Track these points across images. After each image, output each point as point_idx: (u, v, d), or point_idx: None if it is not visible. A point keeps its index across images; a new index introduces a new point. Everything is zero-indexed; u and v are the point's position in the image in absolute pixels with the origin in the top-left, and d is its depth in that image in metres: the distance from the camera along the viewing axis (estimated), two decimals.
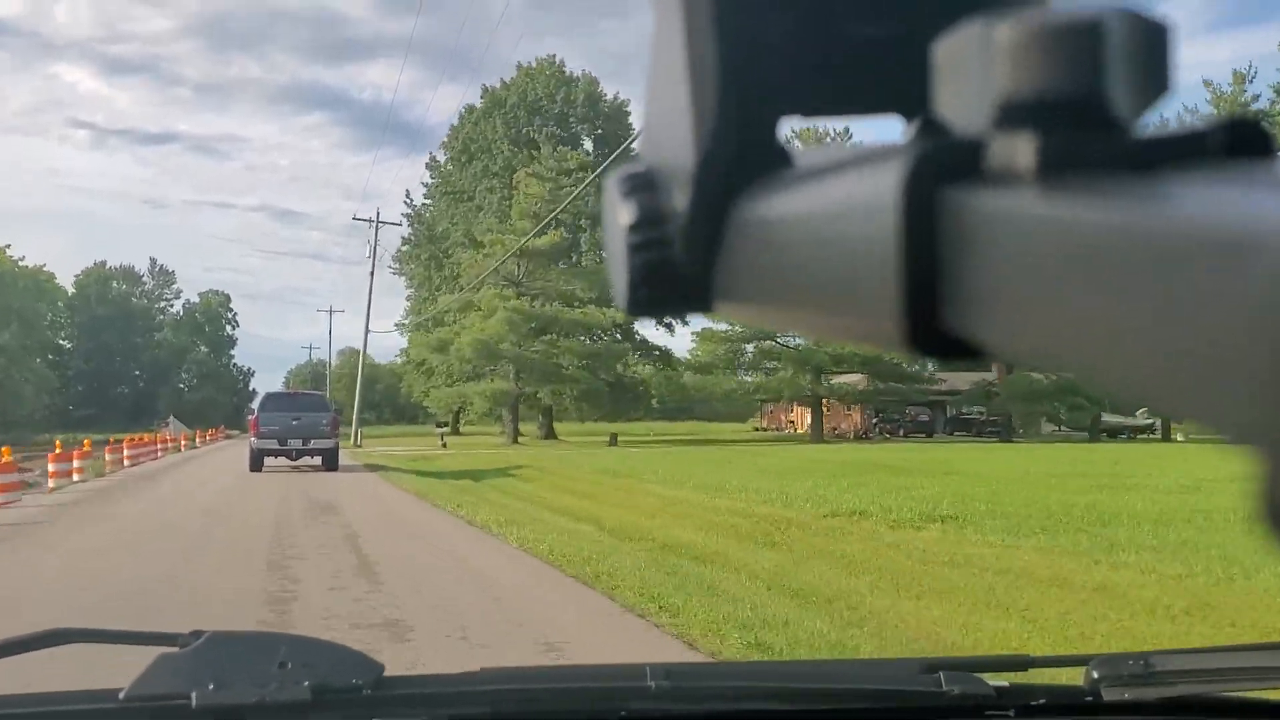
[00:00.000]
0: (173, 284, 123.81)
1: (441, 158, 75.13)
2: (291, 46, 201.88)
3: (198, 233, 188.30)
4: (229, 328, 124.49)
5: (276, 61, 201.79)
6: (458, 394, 56.41)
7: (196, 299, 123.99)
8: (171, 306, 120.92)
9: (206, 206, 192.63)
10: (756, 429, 79.89)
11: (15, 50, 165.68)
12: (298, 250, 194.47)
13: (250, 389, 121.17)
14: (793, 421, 74.17)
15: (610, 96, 70.67)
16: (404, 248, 77.23)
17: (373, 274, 58.64)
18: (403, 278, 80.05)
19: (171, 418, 47.66)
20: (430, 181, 75.45)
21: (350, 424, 54.98)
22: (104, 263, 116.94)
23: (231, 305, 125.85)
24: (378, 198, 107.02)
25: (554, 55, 73.78)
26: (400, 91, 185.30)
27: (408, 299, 78.73)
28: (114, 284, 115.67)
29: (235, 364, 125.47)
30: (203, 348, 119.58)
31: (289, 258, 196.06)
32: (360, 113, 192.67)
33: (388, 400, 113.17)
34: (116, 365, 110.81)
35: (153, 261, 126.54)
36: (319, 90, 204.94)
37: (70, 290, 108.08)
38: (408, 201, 76.66)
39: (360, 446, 47.07)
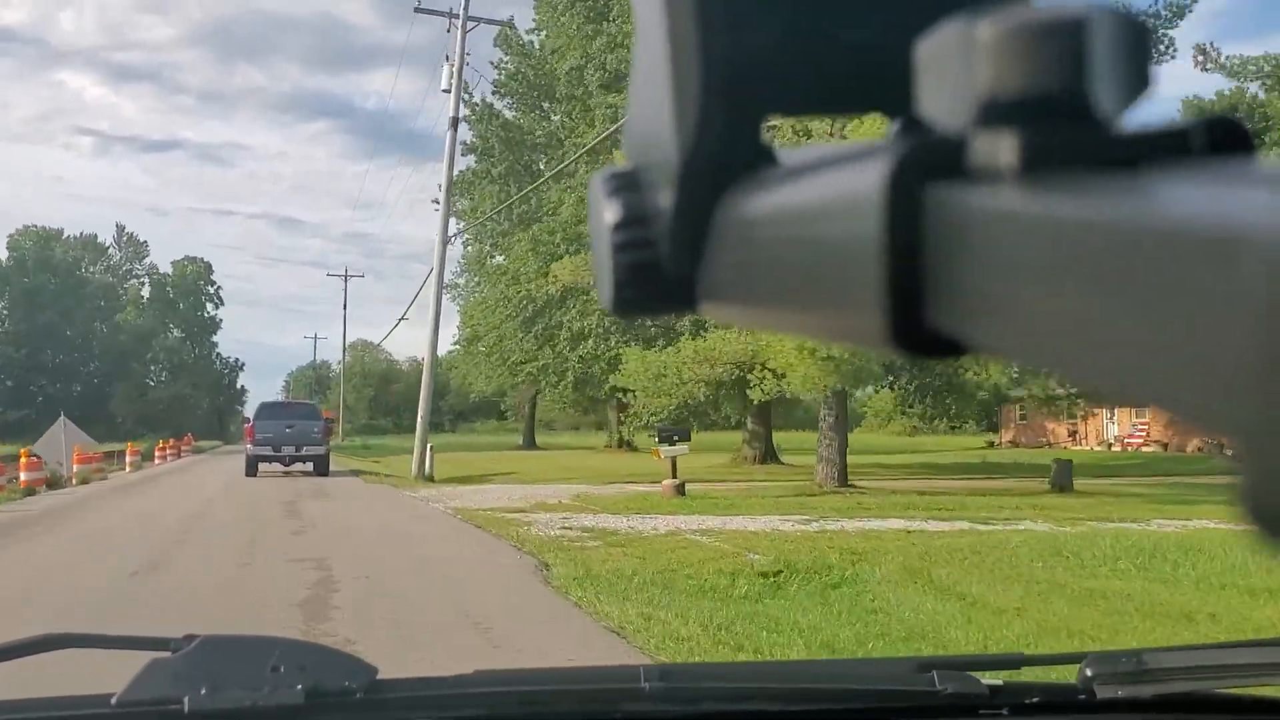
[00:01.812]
0: (145, 256, 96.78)
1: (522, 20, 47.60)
2: (295, 55, 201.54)
3: (199, 240, 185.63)
4: (210, 306, 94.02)
5: (280, 70, 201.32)
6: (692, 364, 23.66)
7: (169, 269, 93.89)
8: (143, 286, 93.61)
9: (208, 214, 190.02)
10: (993, 444, 54.72)
11: (21, 58, 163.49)
12: (297, 258, 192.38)
13: (239, 386, 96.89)
14: (1075, 432, 53.31)
15: None
16: (470, 160, 46.79)
17: (455, 121, 30.86)
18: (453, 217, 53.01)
19: (62, 418, 25.32)
20: (506, 63, 45.16)
21: (406, 434, 40.89)
22: (60, 230, 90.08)
23: (214, 277, 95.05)
24: (379, 205, 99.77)
25: None
26: (404, 100, 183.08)
27: (466, 244, 51.48)
28: (71, 254, 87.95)
29: (219, 353, 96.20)
30: (175, 331, 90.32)
31: (288, 265, 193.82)
32: (364, 120, 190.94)
33: (407, 404, 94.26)
34: (67, 353, 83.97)
35: (119, 229, 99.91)
36: (322, 98, 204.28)
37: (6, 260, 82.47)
38: (467, 98, 43.23)
39: (432, 481, 25.71)
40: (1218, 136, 0.27)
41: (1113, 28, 0.28)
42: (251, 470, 25.65)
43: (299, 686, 1.29)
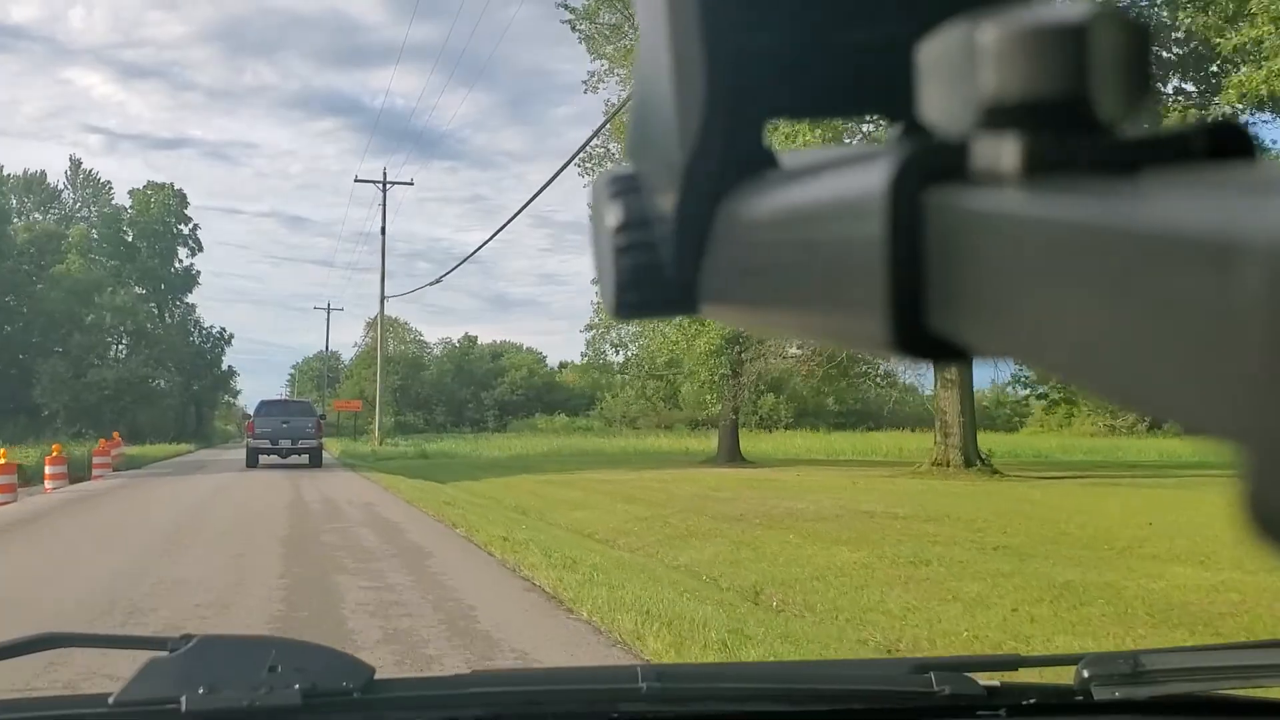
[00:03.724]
0: (109, 200, 70.24)
1: None
2: (305, 53, 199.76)
3: (206, 238, 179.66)
4: (185, 252, 67.16)
5: (290, 67, 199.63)
6: None
7: (128, 202, 66.11)
8: (93, 230, 65.82)
9: (215, 212, 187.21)
10: None
11: (31, 55, 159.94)
12: (305, 256, 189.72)
13: (225, 367, 72.18)
14: None
15: None
16: None
17: None
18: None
19: None
20: None
21: (444, 434, 32.37)
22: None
23: (188, 212, 67.70)
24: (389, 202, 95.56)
25: None
26: (412, 98, 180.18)
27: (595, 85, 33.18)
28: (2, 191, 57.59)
29: (198, 321, 69.04)
30: (134, 286, 62.89)
31: (296, 263, 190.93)
32: (374, 118, 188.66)
33: (439, 394, 79.59)
34: None
35: (74, 163, 73.51)
36: (332, 96, 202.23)
37: None
38: None
39: None
40: (1219, 142, 0.27)
41: (1114, 31, 0.27)
42: (252, 461, 28.02)
43: (296, 686, 1.29)
